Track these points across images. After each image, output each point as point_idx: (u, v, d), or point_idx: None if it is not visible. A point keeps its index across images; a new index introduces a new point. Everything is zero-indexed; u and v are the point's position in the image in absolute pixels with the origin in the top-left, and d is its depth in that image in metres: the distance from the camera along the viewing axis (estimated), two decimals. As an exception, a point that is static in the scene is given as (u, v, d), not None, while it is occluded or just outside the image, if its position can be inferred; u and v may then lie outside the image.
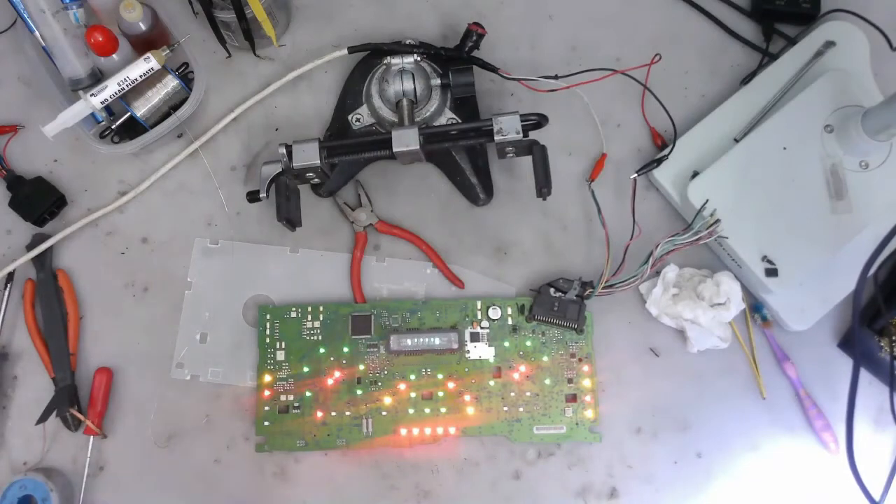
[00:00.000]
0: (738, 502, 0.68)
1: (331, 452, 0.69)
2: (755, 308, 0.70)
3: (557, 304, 0.69)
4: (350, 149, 0.67)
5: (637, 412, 0.69)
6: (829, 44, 0.72)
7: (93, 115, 0.70)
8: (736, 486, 0.69)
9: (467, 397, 0.69)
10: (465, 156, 0.71)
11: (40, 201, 0.72)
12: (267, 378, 0.69)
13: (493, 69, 0.71)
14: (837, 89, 0.68)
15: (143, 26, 0.69)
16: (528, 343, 0.70)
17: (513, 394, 0.69)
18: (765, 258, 0.66)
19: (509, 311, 0.70)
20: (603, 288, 0.68)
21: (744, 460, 0.69)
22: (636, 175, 0.71)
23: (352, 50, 0.72)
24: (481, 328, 0.70)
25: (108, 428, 0.69)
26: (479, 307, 0.70)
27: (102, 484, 0.68)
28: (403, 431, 0.68)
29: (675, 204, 0.72)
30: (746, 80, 0.74)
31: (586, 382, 0.69)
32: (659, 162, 0.71)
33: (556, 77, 0.71)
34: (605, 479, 0.68)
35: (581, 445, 0.69)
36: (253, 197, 0.66)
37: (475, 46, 0.71)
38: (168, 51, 0.68)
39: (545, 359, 0.69)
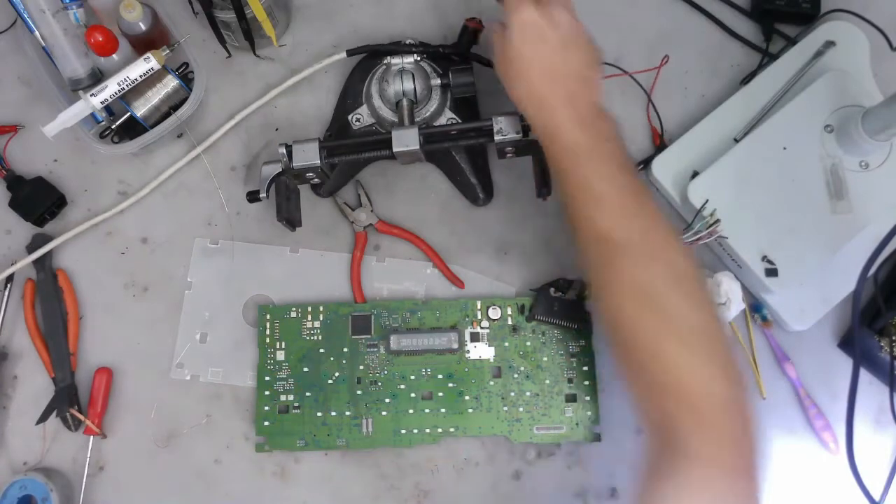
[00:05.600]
0: (738, 502, 0.68)
1: (331, 452, 0.69)
2: (755, 308, 0.70)
3: (557, 304, 0.69)
4: (350, 149, 0.67)
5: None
6: (829, 44, 0.72)
7: (93, 115, 0.70)
8: (736, 486, 0.68)
9: (467, 397, 0.69)
10: (465, 156, 0.71)
11: (40, 201, 0.72)
12: (267, 378, 0.69)
13: (493, 66, 0.71)
14: (837, 89, 0.68)
15: (143, 26, 0.69)
16: (528, 343, 0.70)
17: (513, 394, 0.69)
18: (765, 258, 0.66)
19: (509, 311, 0.70)
20: (603, 288, 0.68)
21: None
22: None
23: (350, 52, 0.72)
24: (481, 328, 0.70)
25: (108, 428, 0.69)
26: (479, 307, 0.70)
27: (102, 484, 0.68)
28: (403, 431, 0.68)
29: (676, 204, 0.72)
30: (746, 80, 0.74)
31: (586, 382, 0.69)
32: (646, 164, 0.72)
33: None
34: (605, 479, 0.68)
35: (581, 445, 0.69)
36: (253, 197, 0.66)
37: (473, 42, 0.71)
38: (168, 51, 0.68)
39: (545, 359, 0.69)
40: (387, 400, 0.69)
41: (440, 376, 0.69)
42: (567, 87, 0.57)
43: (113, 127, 0.72)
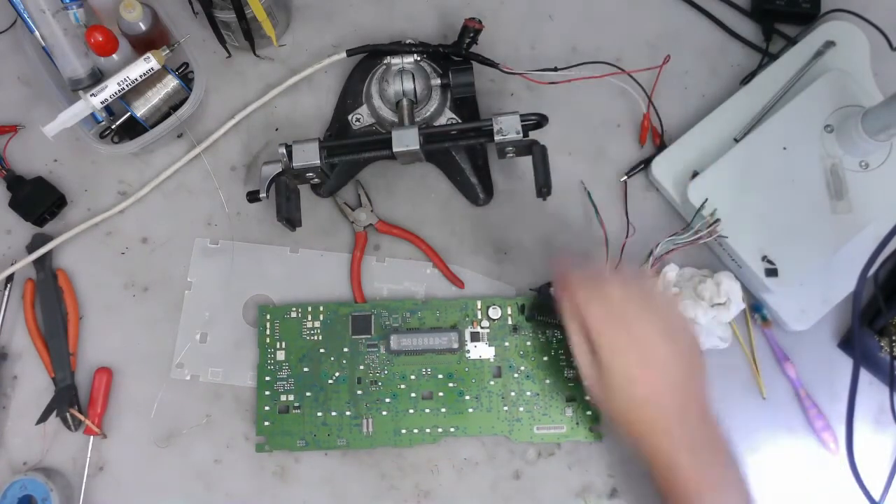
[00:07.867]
0: (738, 502, 0.68)
1: (331, 452, 0.69)
2: (755, 308, 0.70)
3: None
4: (350, 149, 0.67)
5: (637, 412, 0.69)
6: (829, 44, 0.72)
7: (93, 115, 0.70)
8: (736, 486, 0.68)
9: (467, 397, 0.69)
10: (465, 155, 0.71)
11: (40, 201, 0.72)
12: (267, 378, 0.69)
13: (493, 64, 0.71)
14: (837, 89, 0.68)
15: (143, 26, 0.69)
16: (529, 343, 0.70)
17: (513, 393, 0.69)
18: (765, 258, 0.66)
19: (509, 310, 0.70)
20: (603, 288, 0.68)
21: (744, 460, 0.69)
22: (626, 178, 0.73)
23: (350, 53, 0.72)
24: (481, 328, 0.70)
25: (108, 428, 0.69)
26: (479, 307, 0.70)
27: (102, 484, 0.68)
28: (403, 431, 0.68)
29: (676, 204, 0.72)
30: (746, 80, 0.74)
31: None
32: (647, 163, 0.72)
33: (555, 69, 0.71)
34: (605, 479, 0.68)
35: (581, 445, 0.69)
36: (253, 197, 0.66)
37: (473, 42, 0.71)
38: (168, 51, 0.68)
39: (545, 358, 0.69)
40: (387, 400, 0.69)
41: (440, 376, 0.69)
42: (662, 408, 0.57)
43: (113, 127, 0.72)
